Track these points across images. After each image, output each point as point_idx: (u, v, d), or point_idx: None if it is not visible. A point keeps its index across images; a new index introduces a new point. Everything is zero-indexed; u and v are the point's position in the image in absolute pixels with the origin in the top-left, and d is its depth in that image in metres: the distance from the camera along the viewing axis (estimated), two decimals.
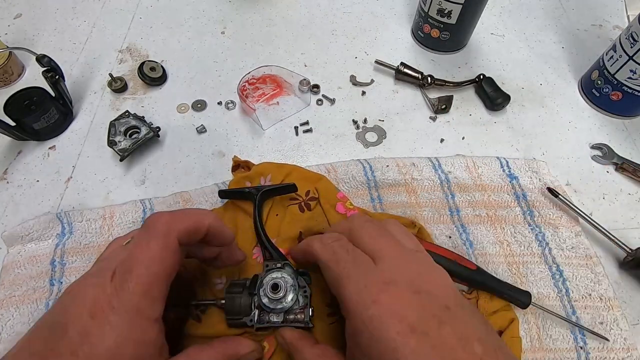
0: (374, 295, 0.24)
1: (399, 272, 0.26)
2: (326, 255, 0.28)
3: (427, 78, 0.52)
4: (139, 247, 0.25)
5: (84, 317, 0.23)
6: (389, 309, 0.23)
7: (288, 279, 0.32)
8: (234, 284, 0.33)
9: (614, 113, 0.52)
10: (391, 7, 0.63)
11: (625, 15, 0.64)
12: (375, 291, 0.24)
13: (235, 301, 0.31)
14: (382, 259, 0.27)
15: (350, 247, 0.28)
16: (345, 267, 0.27)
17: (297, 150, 0.48)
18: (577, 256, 0.41)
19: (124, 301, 0.23)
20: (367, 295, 0.24)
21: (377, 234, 0.29)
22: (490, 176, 0.45)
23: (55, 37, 0.58)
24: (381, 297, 0.24)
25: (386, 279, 0.25)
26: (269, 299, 0.31)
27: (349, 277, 0.26)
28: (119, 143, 0.45)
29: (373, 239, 0.28)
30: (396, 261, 0.27)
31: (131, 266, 0.25)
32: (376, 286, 0.25)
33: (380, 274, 0.25)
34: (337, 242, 0.29)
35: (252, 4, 0.63)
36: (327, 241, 0.30)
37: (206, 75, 0.54)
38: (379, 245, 0.28)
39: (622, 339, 0.36)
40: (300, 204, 0.41)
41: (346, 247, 0.28)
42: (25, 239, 0.40)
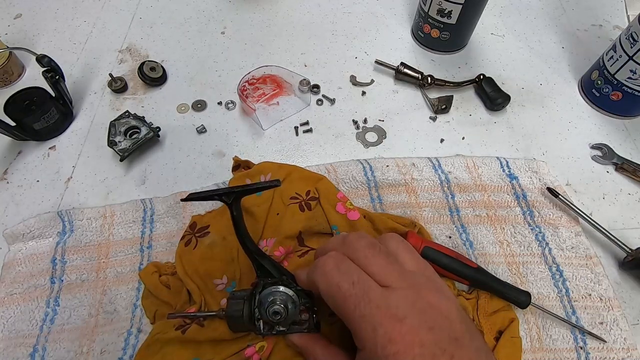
0: (390, 334, 0.24)
1: (409, 305, 0.25)
2: (330, 290, 0.27)
3: (427, 78, 0.52)
4: None
5: None
6: (405, 347, 0.23)
7: (286, 297, 0.30)
8: (234, 300, 0.31)
9: (614, 113, 0.52)
10: (391, 7, 0.63)
11: (625, 15, 0.64)
12: (390, 329, 0.24)
13: (238, 320, 0.31)
14: (391, 288, 0.26)
15: (356, 278, 0.26)
16: (355, 304, 0.25)
17: (297, 150, 0.48)
18: (577, 256, 0.41)
19: None
20: (382, 333, 0.24)
21: (381, 262, 0.28)
22: (490, 176, 0.45)
23: (55, 37, 0.58)
24: (396, 336, 0.24)
25: (399, 314, 0.25)
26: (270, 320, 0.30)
27: (362, 316, 0.25)
28: (119, 143, 0.45)
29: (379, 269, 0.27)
30: (405, 292, 0.26)
31: None
32: (390, 324, 0.24)
33: (393, 309, 0.25)
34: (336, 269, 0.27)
35: (252, 4, 0.63)
36: (326, 268, 0.27)
37: (206, 75, 0.54)
38: (384, 273, 0.27)
39: (622, 339, 0.36)
40: (301, 204, 0.40)
41: (351, 279, 0.26)
42: (27, 237, 0.40)
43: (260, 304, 0.30)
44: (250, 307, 0.31)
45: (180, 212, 0.42)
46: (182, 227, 0.41)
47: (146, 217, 0.42)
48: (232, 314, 0.31)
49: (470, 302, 0.37)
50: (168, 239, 0.41)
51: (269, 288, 0.30)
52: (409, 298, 0.26)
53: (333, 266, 0.27)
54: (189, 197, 0.31)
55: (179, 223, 0.41)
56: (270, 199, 0.41)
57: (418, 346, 0.24)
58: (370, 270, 0.27)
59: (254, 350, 0.32)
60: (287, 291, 0.30)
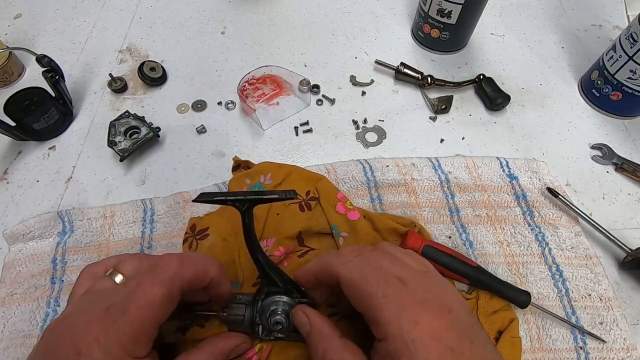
0: (415, 316, 0.24)
1: (426, 291, 0.25)
2: (353, 274, 0.26)
3: (427, 78, 0.52)
4: (141, 289, 0.25)
5: (70, 357, 0.23)
6: (430, 330, 0.23)
7: (289, 307, 0.30)
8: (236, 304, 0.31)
9: (614, 113, 0.52)
10: (391, 7, 0.63)
11: (625, 15, 0.64)
12: (415, 312, 0.24)
13: (238, 324, 0.31)
14: (406, 279, 0.26)
15: (378, 263, 0.27)
16: (378, 285, 0.25)
17: (297, 151, 0.48)
18: (577, 256, 0.41)
19: (111, 339, 0.23)
20: (407, 317, 0.24)
21: (389, 259, 0.28)
22: (490, 176, 0.45)
23: (55, 37, 0.58)
24: (421, 318, 0.24)
25: (420, 298, 0.25)
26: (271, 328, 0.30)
27: (385, 297, 0.25)
28: (119, 143, 0.45)
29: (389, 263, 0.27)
30: (418, 281, 0.26)
31: (127, 307, 0.24)
32: (414, 307, 0.24)
33: (412, 294, 0.25)
34: (360, 257, 0.28)
35: (252, 4, 0.63)
36: (349, 256, 0.28)
37: (206, 75, 0.54)
38: (395, 268, 0.27)
39: (622, 339, 0.36)
40: (301, 204, 0.41)
41: (374, 264, 0.27)
42: (27, 237, 0.40)
43: (262, 310, 0.30)
44: (252, 312, 0.31)
45: (181, 212, 0.42)
46: (183, 228, 0.41)
47: (146, 217, 0.42)
48: (233, 318, 0.31)
49: (470, 302, 0.37)
50: (168, 239, 0.41)
51: (273, 297, 0.31)
52: (421, 285, 0.26)
53: (356, 254, 0.28)
54: (200, 199, 0.30)
55: (179, 223, 0.41)
56: None
57: (444, 329, 0.23)
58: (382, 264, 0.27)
59: (254, 352, 0.32)
60: (290, 302, 0.31)
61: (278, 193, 0.30)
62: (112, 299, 0.25)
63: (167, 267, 0.26)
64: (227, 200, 0.30)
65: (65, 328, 0.25)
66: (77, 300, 0.28)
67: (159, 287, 0.25)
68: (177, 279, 0.26)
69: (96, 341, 0.23)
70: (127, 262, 0.29)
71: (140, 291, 0.25)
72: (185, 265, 0.27)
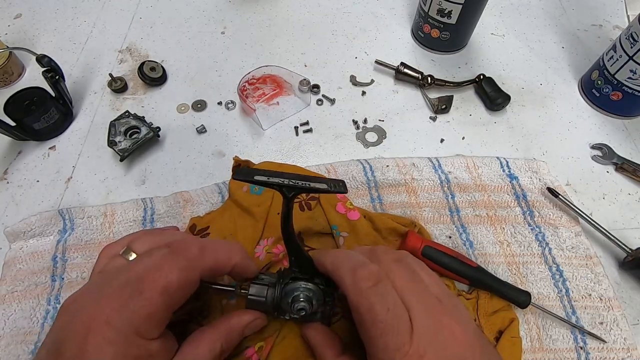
0: None
1: (431, 337, 0.24)
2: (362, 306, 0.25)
3: (427, 78, 0.52)
4: (159, 273, 0.24)
5: (80, 335, 0.22)
6: None
7: (312, 294, 0.30)
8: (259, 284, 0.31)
9: (614, 113, 0.52)
10: (391, 7, 0.63)
11: (625, 15, 0.64)
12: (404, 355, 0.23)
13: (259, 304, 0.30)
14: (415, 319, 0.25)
15: (392, 304, 0.25)
16: (383, 329, 0.24)
17: (297, 151, 0.48)
18: (577, 256, 0.41)
19: (124, 319, 0.23)
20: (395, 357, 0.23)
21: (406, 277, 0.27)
22: (490, 176, 0.45)
23: (55, 37, 0.58)
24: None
25: (421, 351, 0.24)
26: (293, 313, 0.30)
27: (387, 345, 0.24)
28: (119, 143, 0.45)
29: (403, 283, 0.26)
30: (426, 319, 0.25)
31: (143, 288, 0.24)
32: (404, 349, 0.24)
33: (415, 345, 0.24)
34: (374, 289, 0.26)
35: (252, 4, 0.63)
36: (364, 284, 0.26)
37: (206, 75, 0.54)
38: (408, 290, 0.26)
39: (622, 339, 0.36)
40: (301, 204, 0.41)
41: (387, 304, 0.25)
42: (28, 234, 0.40)
43: (285, 294, 0.30)
44: (274, 293, 0.30)
45: (181, 212, 0.42)
46: (183, 227, 0.41)
47: (147, 216, 0.42)
48: (254, 298, 0.30)
49: (470, 302, 0.37)
50: None
51: (299, 282, 0.30)
52: (430, 329, 0.24)
53: (372, 284, 0.26)
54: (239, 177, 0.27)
55: (179, 223, 0.41)
56: (271, 198, 0.41)
57: None
58: (394, 284, 0.26)
59: (254, 351, 0.32)
60: (315, 289, 0.30)
61: (327, 182, 0.28)
62: (126, 278, 0.25)
63: (188, 253, 0.26)
64: (274, 184, 0.27)
65: (77, 306, 0.24)
66: (92, 279, 0.27)
67: (177, 272, 0.25)
68: (197, 267, 0.25)
69: (107, 320, 0.23)
70: (141, 240, 0.29)
71: (158, 274, 0.24)
72: (206, 254, 0.26)
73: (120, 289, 0.24)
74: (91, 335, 0.22)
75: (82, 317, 0.23)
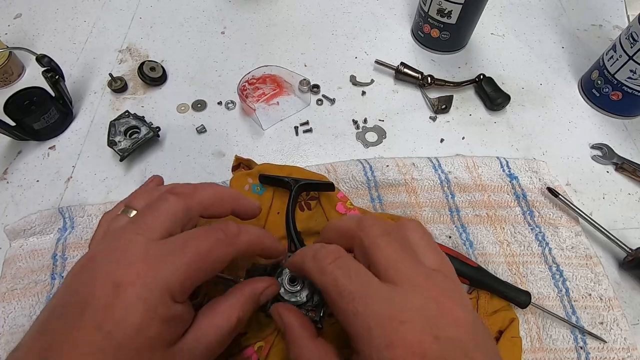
0: (388, 337, 0.21)
1: (416, 307, 0.22)
2: (326, 283, 0.24)
3: (427, 78, 0.52)
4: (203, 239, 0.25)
5: (108, 290, 0.22)
6: (404, 354, 0.20)
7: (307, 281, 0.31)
8: (256, 267, 0.32)
9: (614, 113, 0.52)
10: (391, 7, 0.63)
11: (625, 15, 0.64)
12: (389, 331, 0.21)
13: None
14: (397, 285, 0.22)
15: (353, 270, 0.24)
16: (350, 299, 0.22)
17: (297, 150, 0.48)
18: (577, 256, 0.41)
19: (157, 277, 0.22)
20: (379, 335, 0.21)
21: (393, 253, 0.24)
22: (490, 176, 0.45)
23: (55, 37, 0.58)
24: (395, 340, 0.21)
25: (402, 316, 0.21)
26: (284, 290, 0.30)
27: (356, 313, 0.22)
28: (119, 143, 0.45)
29: (388, 258, 0.24)
30: (413, 291, 0.22)
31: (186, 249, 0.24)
32: (390, 325, 0.21)
33: (394, 309, 0.22)
34: (335, 263, 0.24)
35: (252, 4, 0.63)
36: (324, 262, 0.25)
37: (206, 75, 0.54)
38: (394, 266, 0.23)
39: (622, 339, 0.36)
40: (301, 203, 0.40)
41: (348, 272, 0.24)
42: (28, 232, 0.40)
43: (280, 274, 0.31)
44: None
45: None
46: None
47: None
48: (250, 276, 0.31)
49: (470, 301, 0.37)
50: None
51: None
52: (415, 300, 0.22)
53: (332, 259, 0.25)
54: (262, 179, 0.40)
55: None
56: (271, 198, 0.41)
57: (419, 356, 0.20)
58: (377, 260, 0.24)
59: (253, 350, 0.32)
60: None
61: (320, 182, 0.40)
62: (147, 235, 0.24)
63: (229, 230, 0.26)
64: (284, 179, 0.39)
65: (98, 265, 0.23)
66: (100, 243, 0.27)
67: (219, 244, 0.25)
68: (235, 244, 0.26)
69: (139, 276, 0.22)
70: (139, 197, 0.28)
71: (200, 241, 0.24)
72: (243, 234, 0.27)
73: (155, 244, 0.24)
74: (122, 291, 0.21)
75: (107, 273, 0.22)
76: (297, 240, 0.35)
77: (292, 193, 0.38)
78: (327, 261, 0.25)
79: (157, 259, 0.23)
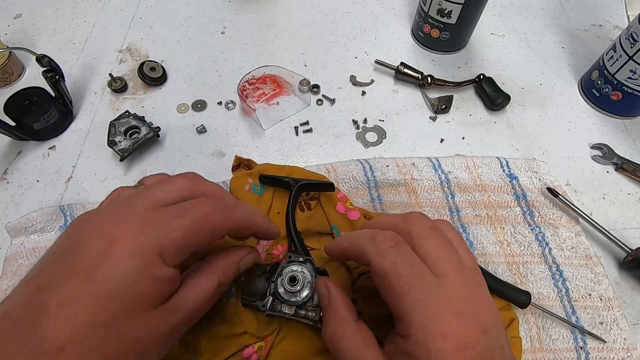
0: (444, 327, 0.22)
1: (463, 301, 0.24)
2: (385, 266, 0.25)
3: (427, 78, 0.52)
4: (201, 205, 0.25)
5: (103, 243, 0.22)
6: (457, 346, 0.22)
7: (307, 274, 0.32)
8: (255, 267, 0.33)
9: (614, 113, 0.52)
10: (391, 7, 0.63)
11: (625, 15, 0.64)
12: (445, 322, 0.22)
13: (253, 283, 0.32)
14: (447, 280, 0.24)
15: (414, 259, 0.25)
16: (410, 286, 0.24)
17: (297, 150, 0.48)
18: (577, 256, 0.41)
19: (152, 238, 0.23)
20: (436, 325, 0.22)
21: (441, 248, 0.26)
22: (490, 176, 0.45)
23: (55, 37, 0.58)
24: (450, 331, 0.22)
25: (455, 309, 0.23)
26: (284, 290, 0.31)
27: (415, 299, 0.23)
28: (119, 143, 0.45)
29: (438, 252, 0.25)
30: (461, 286, 0.24)
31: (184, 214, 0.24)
32: (446, 316, 0.23)
33: (448, 302, 0.23)
34: (396, 248, 0.25)
35: (252, 4, 0.63)
36: (384, 246, 0.26)
37: (206, 75, 0.54)
38: (444, 260, 0.25)
39: (622, 339, 0.36)
40: (301, 204, 0.41)
41: (409, 260, 0.25)
42: (29, 230, 0.40)
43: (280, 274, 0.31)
44: (268, 280, 0.32)
45: None
46: None
47: None
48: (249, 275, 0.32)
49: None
50: None
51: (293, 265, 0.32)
52: (462, 294, 0.24)
53: (392, 244, 0.26)
54: (262, 179, 0.40)
55: None
56: (271, 198, 0.41)
57: (472, 348, 0.22)
58: (427, 252, 0.25)
59: (253, 350, 0.32)
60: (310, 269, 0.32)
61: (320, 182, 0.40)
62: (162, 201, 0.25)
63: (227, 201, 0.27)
64: (284, 179, 0.39)
65: (97, 221, 0.24)
66: (107, 205, 0.27)
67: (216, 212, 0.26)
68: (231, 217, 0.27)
69: (133, 234, 0.23)
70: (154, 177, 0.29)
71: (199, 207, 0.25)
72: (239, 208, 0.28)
73: (154, 210, 0.24)
74: (117, 245, 0.22)
75: (105, 228, 0.23)
76: (297, 240, 0.35)
77: (292, 193, 0.38)
78: (386, 245, 0.26)
79: (155, 220, 0.24)
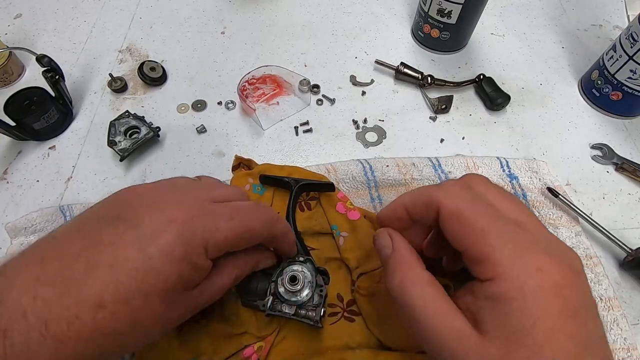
0: (539, 262, 0.20)
1: (550, 243, 0.22)
2: (460, 206, 0.23)
3: (427, 78, 0.52)
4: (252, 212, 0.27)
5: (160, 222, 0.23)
6: (554, 283, 0.20)
7: (307, 274, 0.32)
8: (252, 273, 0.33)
9: (614, 113, 0.52)
10: (391, 7, 0.63)
11: (625, 15, 0.64)
12: (538, 259, 0.21)
13: (253, 283, 0.32)
14: (527, 224, 0.22)
15: (487, 200, 0.23)
16: (491, 222, 0.22)
17: (297, 150, 0.48)
18: None
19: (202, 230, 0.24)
20: (530, 260, 0.21)
21: (507, 201, 0.24)
22: (490, 176, 0.45)
23: (55, 37, 0.58)
24: (545, 267, 0.20)
25: (544, 248, 0.21)
26: (285, 290, 0.31)
27: (501, 234, 0.21)
28: (119, 143, 0.45)
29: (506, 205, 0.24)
30: (542, 232, 0.23)
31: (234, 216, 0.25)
32: (537, 253, 0.21)
33: (535, 241, 0.22)
34: (467, 191, 0.24)
35: (252, 4, 0.63)
36: (453, 188, 0.24)
37: (206, 75, 0.54)
38: (513, 211, 0.23)
39: (622, 339, 0.36)
40: (301, 204, 0.41)
41: (483, 202, 0.23)
42: (29, 230, 0.40)
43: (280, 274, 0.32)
44: (269, 279, 0.32)
45: None
46: None
47: None
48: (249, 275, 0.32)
49: None
50: None
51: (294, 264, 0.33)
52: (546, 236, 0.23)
53: (461, 188, 0.24)
54: (263, 179, 0.41)
55: None
56: (271, 198, 0.41)
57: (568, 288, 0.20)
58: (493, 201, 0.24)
59: (253, 350, 0.32)
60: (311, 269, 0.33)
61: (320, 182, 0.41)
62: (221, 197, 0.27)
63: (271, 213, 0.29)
64: (284, 179, 0.40)
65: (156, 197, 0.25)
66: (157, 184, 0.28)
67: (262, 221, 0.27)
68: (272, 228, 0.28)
69: (189, 220, 0.24)
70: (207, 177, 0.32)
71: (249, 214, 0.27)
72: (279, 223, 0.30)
73: (213, 205, 0.26)
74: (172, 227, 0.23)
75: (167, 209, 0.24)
76: (297, 240, 0.35)
77: (293, 193, 0.38)
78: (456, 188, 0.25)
79: (210, 213, 0.25)
